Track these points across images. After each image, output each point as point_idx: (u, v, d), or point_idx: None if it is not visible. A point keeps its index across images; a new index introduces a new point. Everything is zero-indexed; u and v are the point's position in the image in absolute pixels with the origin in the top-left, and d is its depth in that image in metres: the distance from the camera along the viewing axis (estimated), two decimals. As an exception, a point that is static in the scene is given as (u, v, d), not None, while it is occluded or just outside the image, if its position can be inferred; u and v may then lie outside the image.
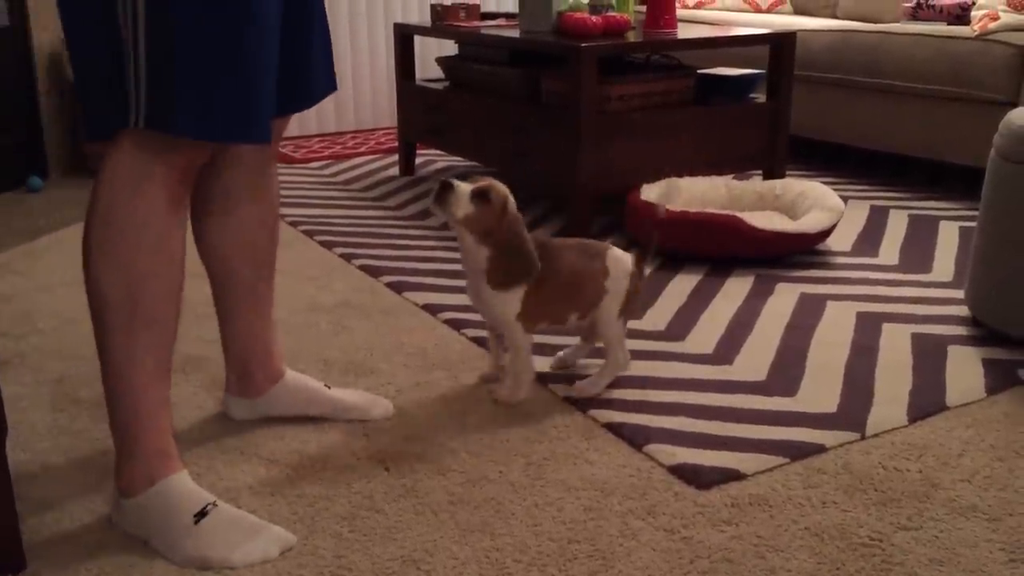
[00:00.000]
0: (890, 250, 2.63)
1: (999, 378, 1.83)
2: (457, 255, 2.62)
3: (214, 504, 1.37)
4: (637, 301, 1.82)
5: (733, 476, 1.50)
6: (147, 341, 1.32)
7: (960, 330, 2.06)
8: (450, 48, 4.41)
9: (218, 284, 1.61)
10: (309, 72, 1.48)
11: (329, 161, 3.93)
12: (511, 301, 1.70)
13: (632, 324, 2.05)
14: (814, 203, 2.61)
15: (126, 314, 1.30)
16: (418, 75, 3.77)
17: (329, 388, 1.72)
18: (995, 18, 3.05)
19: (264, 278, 1.63)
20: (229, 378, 1.70)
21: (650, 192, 2.68)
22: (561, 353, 1.91)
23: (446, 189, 1.62)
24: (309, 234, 2.84)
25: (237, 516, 1.37)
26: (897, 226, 2.86)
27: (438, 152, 4.02)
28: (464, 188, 1.63)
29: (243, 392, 1.69)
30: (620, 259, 1.78)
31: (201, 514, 1.35)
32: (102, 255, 1.29)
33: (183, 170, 1.32)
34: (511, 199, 1.67)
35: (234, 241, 1.56)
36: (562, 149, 2.70)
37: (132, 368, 1.32)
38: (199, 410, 1.75)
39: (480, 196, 1.63)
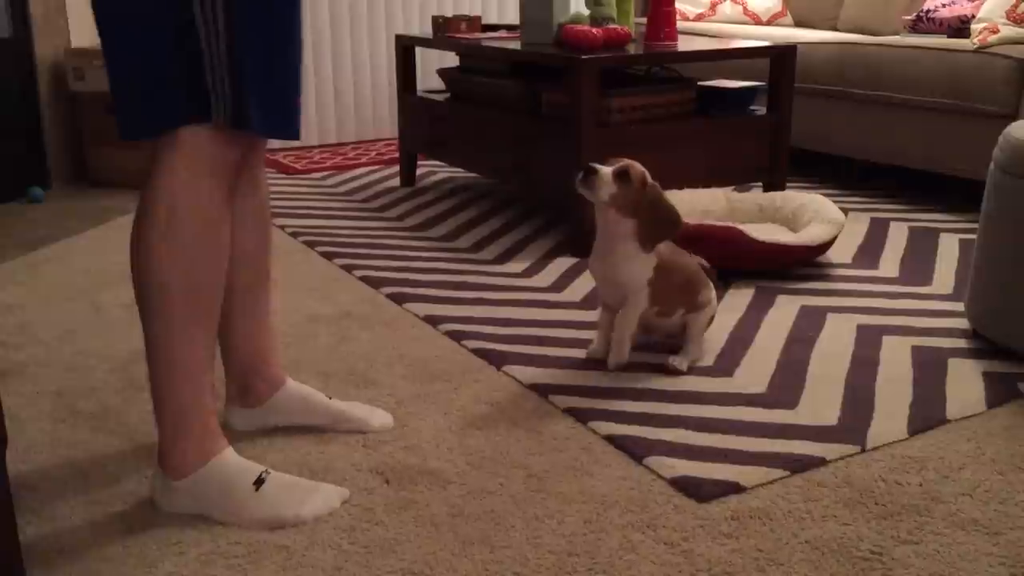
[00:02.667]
0: (890, 262, 2.63)
1: (999, 391, 1.83)
2: (457, 267, 2.63)
3: (267, 472, 1.46)
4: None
5: (733, 489, 1.50)
6: (203, 327, 1.40)
7: (960, 343, 2.06)
8: (451, 60, 4.42)
9: None
10: None
11: (330, 172, 3.94)
12: (647, 264, 1.89)
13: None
14: (815, 215, 2.61)
15: (187, 302, 1.37)
16: (419, 86, 3.78)
17: (330, 399, 1.73)
18: (995, 31, 3.06)
19: (261, 282, 1.64)
20: (230, 389, 1.70)
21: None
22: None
23: (590, 173, 1.80)
24: (310, 245, 2.84)
25: (291, 479, 1.47)
26: (897, 238, 2.86)
27: (439, 163, 4.02)
28: (606, 171, 1.81)
29: (245, 402, 1.69)
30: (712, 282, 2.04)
31: (259, 481, 1.44)
32: (165, 246, 1.34)
33: (238, 163, 1.39)
34: (647, 173, 1.85)
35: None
36: (563, 161, 2.71)
37: (189, 354, 1.39)
38: (199, 421, 1.75)
39: (621, 176, 1.81)
